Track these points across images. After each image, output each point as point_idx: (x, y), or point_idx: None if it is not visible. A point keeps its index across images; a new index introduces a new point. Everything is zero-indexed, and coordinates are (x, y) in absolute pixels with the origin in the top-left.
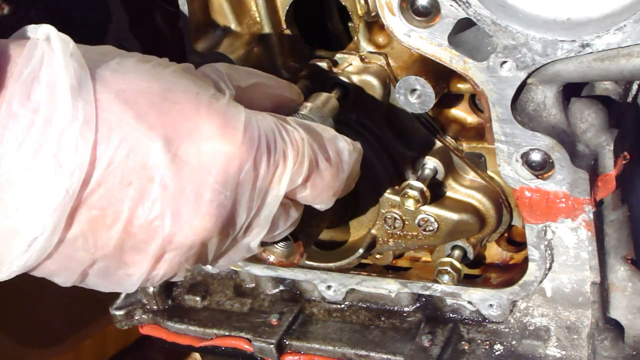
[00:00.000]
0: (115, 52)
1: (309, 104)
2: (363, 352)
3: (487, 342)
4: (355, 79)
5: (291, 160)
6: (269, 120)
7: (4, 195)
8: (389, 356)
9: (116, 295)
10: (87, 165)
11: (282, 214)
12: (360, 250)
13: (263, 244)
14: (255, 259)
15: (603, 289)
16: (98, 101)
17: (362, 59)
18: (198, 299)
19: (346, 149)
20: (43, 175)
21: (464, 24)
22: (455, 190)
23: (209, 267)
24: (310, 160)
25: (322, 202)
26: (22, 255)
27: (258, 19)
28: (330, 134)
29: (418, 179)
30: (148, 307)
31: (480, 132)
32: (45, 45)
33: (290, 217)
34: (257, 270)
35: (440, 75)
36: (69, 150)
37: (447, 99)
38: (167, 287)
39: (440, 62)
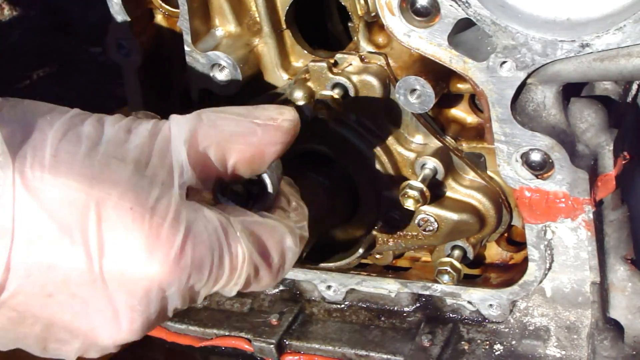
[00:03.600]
0: (57, 132)
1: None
2: (363, 352)
3: (487, 342)
4: (355, 79)
5: (224, 280)
6: (211, 236)
7: None
8: (389, 356)
9: None
10: (1, 273)
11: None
12: (360, 250)
13: None
14: None
15: (603, 289)
16: (20, 210)
17: (362, 59)
18: None
19: (292, 250)
20: None
21: (464, 24)
22: (455, 190)
23: None
24: (247, 276)
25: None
26: None
27: (258, 19)
28: (279, 233)
29: (418, 179)
30: None
31: (480, 132)
32: None
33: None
34: None
35: (440, 75)
36: None
37: (447, 99)
38: None
39: (440, 62)
